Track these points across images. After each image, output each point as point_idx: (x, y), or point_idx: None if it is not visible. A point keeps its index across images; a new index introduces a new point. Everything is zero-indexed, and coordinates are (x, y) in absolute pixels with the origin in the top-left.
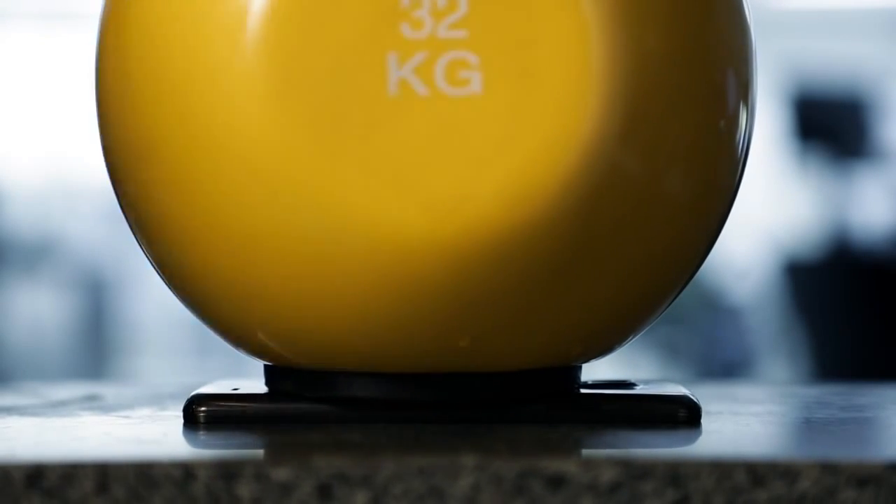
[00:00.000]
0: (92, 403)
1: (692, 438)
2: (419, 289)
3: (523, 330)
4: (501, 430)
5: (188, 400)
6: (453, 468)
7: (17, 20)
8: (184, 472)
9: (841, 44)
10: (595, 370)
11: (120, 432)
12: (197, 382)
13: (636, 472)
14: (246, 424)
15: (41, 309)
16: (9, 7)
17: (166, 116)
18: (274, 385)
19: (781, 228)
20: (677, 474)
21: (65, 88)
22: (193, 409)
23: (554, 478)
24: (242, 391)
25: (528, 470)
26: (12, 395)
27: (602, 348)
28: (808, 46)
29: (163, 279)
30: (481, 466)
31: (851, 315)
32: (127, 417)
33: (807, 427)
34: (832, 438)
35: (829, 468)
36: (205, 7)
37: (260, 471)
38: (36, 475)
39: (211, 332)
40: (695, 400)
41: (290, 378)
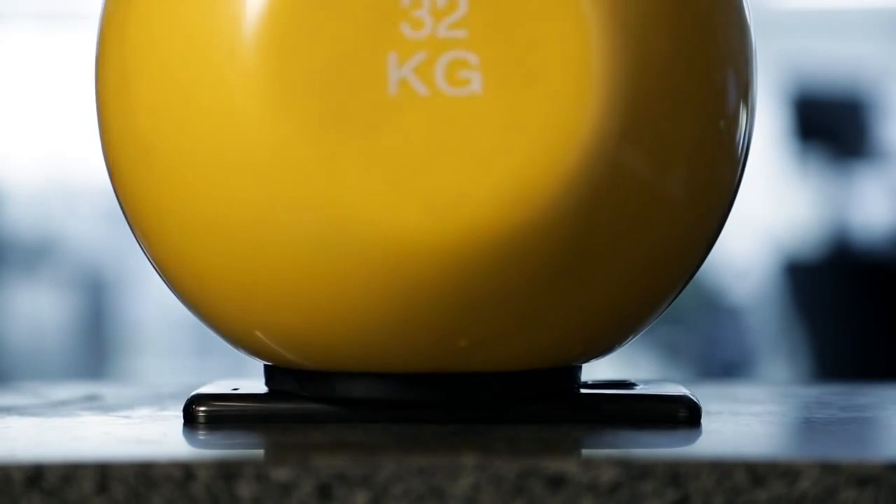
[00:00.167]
0: (92, 403)
1: (692, 438)
2: (419, 289)
3: (523, 330)
4: (501, 430)
5: (188, 400)
6: (453, 468)
7: (17, 20)
8: (184, 472)
9: (841, 44)
10: (595, 370)
11: (120, 432)
12: (197, 382)
13: (636, 472)
14: (246, 424)
15: (41, 309)
16: (9, 7)
17: (166, 117)
18: (274, 385)
19: (781, 228)
20: (677, 474)
21: (65, 88)
22: (193, 409)
23: (554, 478)
24: (242, 391)
25: (528, 470)
26: (12, 395)
27: (602, 348)
28: (808, 46)
29: (163, 279)
30: (481, 466)
31: (851, 315)
32: (127, 417)
33: (807, 427)
34: (832, 438)
35: (830, 468)
36: (205, 7)
37: (260, 471)
38: (36, 475)
39: (211, 332)
40: (695, 400)
41: (290, 378)
